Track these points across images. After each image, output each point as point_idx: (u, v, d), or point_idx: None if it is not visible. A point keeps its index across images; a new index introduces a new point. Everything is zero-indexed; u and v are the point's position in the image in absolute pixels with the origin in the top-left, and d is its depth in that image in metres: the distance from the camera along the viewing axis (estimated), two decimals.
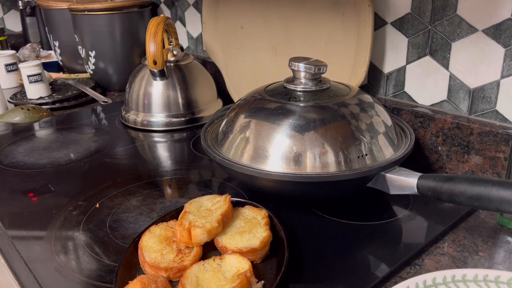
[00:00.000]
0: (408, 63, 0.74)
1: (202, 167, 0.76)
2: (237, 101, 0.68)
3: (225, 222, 0.52)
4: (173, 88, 0.93)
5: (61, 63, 1.39)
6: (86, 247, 0.54)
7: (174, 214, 0.56)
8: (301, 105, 0.59)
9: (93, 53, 1.18)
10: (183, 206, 0.55)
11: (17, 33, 1.78)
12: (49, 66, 1.42)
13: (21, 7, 1.63)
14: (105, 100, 1.13)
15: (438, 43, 0.69)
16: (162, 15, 0.89)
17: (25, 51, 1.49)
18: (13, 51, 1.36)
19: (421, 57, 0.72)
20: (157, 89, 0.93)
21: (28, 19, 1.65)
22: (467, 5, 0.64)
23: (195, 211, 0.53)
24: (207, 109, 0.97)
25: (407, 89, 0.76)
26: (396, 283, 0.47)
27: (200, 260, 0.48)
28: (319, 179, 0.55)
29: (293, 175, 0.55)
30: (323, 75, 0.65)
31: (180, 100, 0.94)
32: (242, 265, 0.46)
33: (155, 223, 0.53)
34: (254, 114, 0.61)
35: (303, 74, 0.63)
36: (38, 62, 1.12)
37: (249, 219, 0.53)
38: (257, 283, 0.45)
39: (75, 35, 1.21)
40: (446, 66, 0.69)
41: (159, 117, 0.93)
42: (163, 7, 1.30)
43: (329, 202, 0.62)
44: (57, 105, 1.10)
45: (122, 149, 0.84)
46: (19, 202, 0.65)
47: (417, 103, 0.75)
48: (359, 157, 0.56)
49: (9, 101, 1.13)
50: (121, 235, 0.56)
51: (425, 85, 0.73)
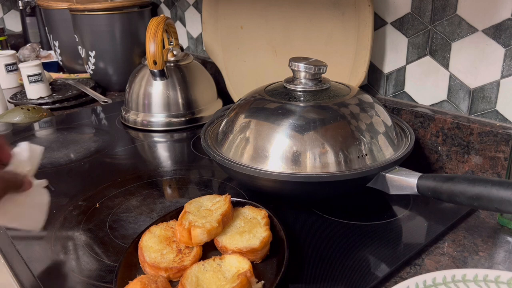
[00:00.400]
0: (408, 63, 0.74)
1: (202, 167, 0.76)
2: (237, 101, 0.68)
3: (225, 222, 0.52)
4: (173, 88, 0.93)
5: (61, 63, 1.39)
6: (86, 247, 0.54)
7: (174, 214, 0.56)
8: (301, 105, 0.59)
9: (93, 53, 1.18)
10: (183, 206, 0.55)
11: (17, 33, 1.78)
12: (49, 66, 1.42)
13: (21, 7, 1.63)
14: (105, 100, 1.13)
15: (438, 43, 0.69)
16: (162, 15, 0.89)
17: (25, 51, 1.49)
18: (13, 51, 1.36)
19: (421, 57, 0.72)
20: (157, 89, 0.93)
21: (28, 19, 1.65)
22: (467, 5, 0.64)
23: (195, 211, 0.53)
24: (207, 109, 0.97)
25: (407, 89, 0.76)
26: (396, 283, 0.47)
27: (200, 260, 0.48)
28: (319, 179, 0.55)
29: (293, 175, 0.55)
30: (323, 75, 0.65)
31: (180, 100, 0.94)
32: (242, 265, 0.46)
33: (155, 223, 0.53)
34: (254, 114, 0.61)
35: (303, 74, 0.63)
36: (38, 62, 1.12)
37: (249, 219, 0.53)
38: (257, 283, 0.45)
39: (75, 35, 1.21)
40: (446, 66, 0.69)
41: (159, 117, 0.93)
42: (163, 7, 1.30)
43: (329, 202, 0.62)
44: (57, 105, 1.10)
45: (122, 149, 0.84)
46: None
47: (417, 103, 0.75)
48: (359, 157, 0.56)
49: (9, 101, 1.13)
50: (121, 235, 0.56)
51: (425, 85, 0.73)
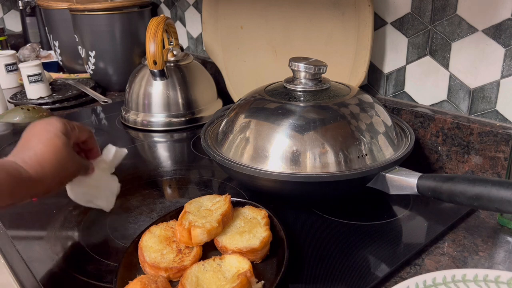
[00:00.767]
0: (408, 63, 0.74)
1: (202, 167, 0.76)
2: (237, 101, 0.68)
3: (225, 222, 0.52)
4: (173, 88, 0.93)
5: (61, 63, 1.39)
6: (86, 247, 0.54)
7: (174, 214, 0.56)
8: (301, 105, 0.59)
9: (93, 53, 1.18)
10: (183, 206, 0.55)
11: (17, 33, 1.78)
12: (49, 66, 1.42)
13: (21, 7, 1.63)
14: (105, 100, 1.13)
15: (438, 43, 0.69)
16: (162, 15, 0.89)
17: (25, 51, 1.49)
18: (13, 51, 1.36)
19: (421, 57, 0.72)
20: (157, 89, 0.93)
21: (28, 19, 1.65)
22: (467, 5, 0.64)
23: (195, 211, 0.53)
24: (207, 109, 0.97)
25: (407, 89, 0.76)
26: (396, 283, 0.47)
27: (200, 260, 0.48)
28: (319, 179, 0.55)
29: (293, 175, 0.55)
30: (323, 75, 0.65)
31: (180, 100, 0.94)
32: (242, 265, 0.46)
33: (155, 223, 0.53)
34: (254, 114, 0.61)
35: (303, 74, 0.63)
36: (38, 62, 1.12)
37: (249, 219, 0.53)
38: (257, 283, 0.45)
39: (75, 35, 1.21)
40: (446, 66, 0.69)
41: (159, 117, 0.93)
42: (163, 7, 1.30)
43: (329, 202, 0.62)
44: (57, 105, 1.10)
45: None
46: None
47: (417, 103, 0.75)
48: (359, 157, 0.56)
49: (9, 101, 1.12)
50: (121, 235, 0.56)
51: (425, 85, 0.73)
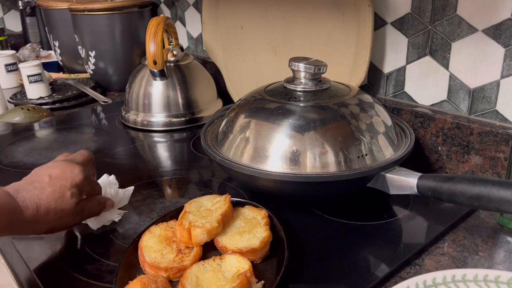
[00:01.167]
0: (408, 63, 0.74)
1: (202, 167, 0.76)
2: (237, 101, 0.68)
3: (225, 222, 0.52)
4: (173, 88, 0.93)
5: (61, 63, 1.39)
6: (86, 247, 0.54)
7: (174, 214, 0.56)
8: (301, 105, 0.59)
9: (93, 53, 1.18)
10: (183, 206, 0.55)
11: (17, 33, 1.78)
12: (49, 66, 1.42)
13: (21, 7, 1.63)
14: (105, 100, 1.13)
15: (438, 43, 0.69)
16: (162, 15, 0.89)
17: (25, 51, 1.49)
18: (13, 51, 1.36)
19: (421, 57, 0.72)
20: (157, 89, 0.93)
21: (28, 19, 1.65)
22: (467, 5, 0.64)
23: (195, 211, 0.53)
24: (207, 109, 0.97)
25: (407, 89, 0.76)
26: (396, 283, 0.47)
27: (200, 260, 0.48)
28: (319, 179, 0.55)
29: (293, 175, 0.55)
30: (323, 75, 0.65)
31: (180, 100, 0.94)
32: (242, 265, 0.46)
33: (155, 223, 0.53)
34: (254, 114, 0.61)
35: (303, 74, 0.63)
36: (38, 62, 1.12)
37: (249, 219, 0.53)
38: (257, 283, 0.45)
39: (75, 35, 1.21)
40: (446, 66, 0.69)
41: (159, 117, 0.93)
42: (163, 7, 1.30)
43: (329, 202, 0.62)
44: (57, 105, 1.10)
45: (122, 149, 0.84)
46: None
47: (417, 103, 0.75)
48: (359, 157, 0.56)
49: (9, 101, 1.13)
50: (121, 235, 0.56)
51: (425, 85, 0.73)
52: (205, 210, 0.53)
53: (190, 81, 0.95)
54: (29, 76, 1.09)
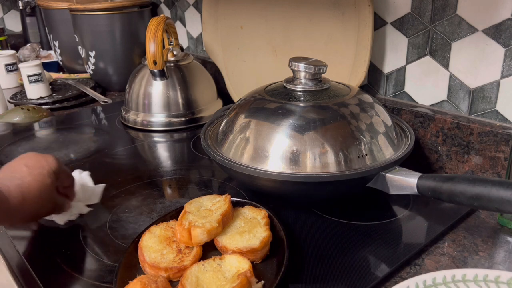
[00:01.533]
0: (408, 63, 0.74)
1: (202, 167, 0.76)
2: (237, 101, 0.68)
3: (225, 222, 0.52)
4: (173, 88, 0.93)
5: (61, 63, 1.39)
6: (86, 247, 0.54)
7: (174, 214, 0.56)
8: (301, 105, 0.59)
9: (93, 53, 1.18)
10: (183, 206, 0.55)
11: (17, 33, 1.78)
12: (49, 66, 1.42)
13: (21, 7, 1.63)
14: (105, 100, 1.13)
15: (438, 43, 0.69)
16: (162, 15, 0.89)
17: (25, 51, 1.49)
18: (13, 51, 1.36)
19: (421, 57, 0.72)
20: (157, 89, 0.93)
21: (28, 19, 1.65)
22: (467, 5, 0.64)
23: (195, 211, 0.53)
24: (207, 109, 0.97)
25: (407, 89, 0.76)
26: (396, 283, 0.47)
27: (200, 260, 0.48)
28: (319, 179, 0.55)
29: (293, 175, 0.55)
30: (323, 75, 0.65)
31: (180, 100, 0.94)
32: (242, 265, 0.46)
33: (155, 223, 0.53)
34: (254, 114, 0.61)
35: (303, 74, 0.63)
36: (38, 62, 1.12)
37: (249, 219, 0.53)
38: (257, 283, 0.45)
39: (75, 35, 1.21)
40: (446, 66, 0.69)
41: (159, 117, 0.93)
42: (163, 7, 1.30)
43: (329, 202, 0.62)
44: (57, 105, 1.10)
45: (122, 149, 0.84)
46: None
47: (417, 103, 0.75)
48: (359, 157, 0.56)
49: (9, 101, 1.13)
50: (121, 235, 0.56)
51: (425, 85, 0.73)
52: (205, 210, 0.53)
53: (190, 81, 0.95)
54: (29, 76, 1.09)
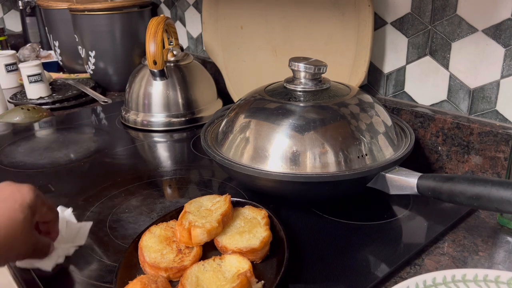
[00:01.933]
0: (408, 63, 0.74)
1: (202, 167, 0.76)
2: (237, 101, 0.68)
3: (225, 222, 0.52)
4: (173, 88, 0.93)
5: (61, 63, 1.39)
6: (86, 247, 0.54)
7: (174, 214, 0.56)
8: (301, 105, 0.59)
9: (93, 53, 1.18)
10: (183, 206, 0.55)
11: (17, 33, 1.78)
12: (49, 66, 1.42)
13: (21, 7, 1.63)
14: (105, 100, 1.13)
15: (438, 43, 0.69)
16: (162, 15, 0.89)
17: (25, 51, 1.49)
18: (13, 51, 1.36)
19: (421, 57, 0.72)
20: (157, 89, 0.93)
21: (28, 19, 1.65)
22: (467, 5, 0.64)
23: (195, 211, 0.53)
24: (207, 109, 0.97)
25: (407, 89, 0.76)
26: (396, 283, 0.47)
27: (200, 260, 0.48)
28: (319, 179, 0.55)
29: (293, 175, 0.55)
30: (323, 75, 0.65)
31: (180, 100, 0.94)
32: (242, 265, 0.46)
33: (155, 223, 0.53)
34: (254, 114, 0.61)
35: (303, 74, 0.63)
36: (38, 62, 1.12)
37: (249, 219, 0.53)
38: (257, 283, 0.45)
39: (75, 35, 1.21)
40: (446, 66, 0.69)
41: (159, 117, 0.93)
42: (163, 7, 1.30)
43: (329, 202, 0.62)
44: (57, 105, 1.10)
45: (122, 149, 0.84)
46: None
47: (417, 103, 0.75)
48: (359, 157, 0.56)
49: (9, 101, 1.12)
50: (121, 235, 0.56)
51: (425, 85, 0.73)
52: (205, 210, 0.53)
53: (190, 81, 0.95)
54: (29, 76, 1.09)
